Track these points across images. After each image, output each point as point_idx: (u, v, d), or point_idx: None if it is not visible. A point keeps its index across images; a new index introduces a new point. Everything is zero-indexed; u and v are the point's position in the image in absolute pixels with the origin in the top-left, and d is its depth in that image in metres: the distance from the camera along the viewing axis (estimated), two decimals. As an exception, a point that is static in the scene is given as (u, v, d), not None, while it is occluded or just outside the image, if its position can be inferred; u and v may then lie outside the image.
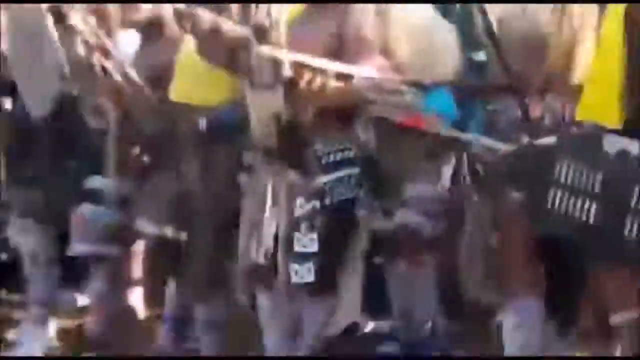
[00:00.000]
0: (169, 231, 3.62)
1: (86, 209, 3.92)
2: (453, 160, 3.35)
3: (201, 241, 3.54)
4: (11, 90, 4.26)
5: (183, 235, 3.60)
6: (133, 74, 3.68)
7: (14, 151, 4.25)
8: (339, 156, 3.10)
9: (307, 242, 3.10)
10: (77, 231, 3.96)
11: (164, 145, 3.70)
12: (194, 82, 3.55)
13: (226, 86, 3.44)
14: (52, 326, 4.24)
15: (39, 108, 4.02)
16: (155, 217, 3.68)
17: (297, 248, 3.11)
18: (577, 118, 2.72)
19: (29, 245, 4.21)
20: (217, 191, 3.50)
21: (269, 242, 3.14)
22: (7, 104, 4.45)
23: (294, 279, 3.11)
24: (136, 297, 4.00)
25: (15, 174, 4.23)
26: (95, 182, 3.95)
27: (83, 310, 4.43)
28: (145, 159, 3.80)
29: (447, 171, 3.38)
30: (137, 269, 3.94)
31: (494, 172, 3.00)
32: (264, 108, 3.08)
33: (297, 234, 3.10)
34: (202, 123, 3.53)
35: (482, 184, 3.08)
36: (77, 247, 3.99)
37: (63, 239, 4.11)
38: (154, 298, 3.89)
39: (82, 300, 4.58)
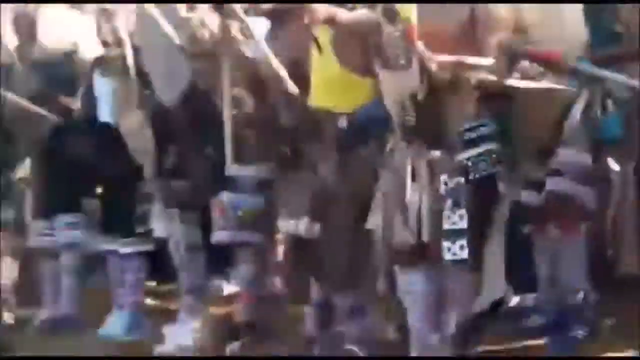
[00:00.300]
0: (305, 225, 3.74)
1: (226, 196, 4.06)
2: (585, 96, 3.33)
3: (339, 235, 3.62)
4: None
5: (319, 229, 3.70)
6: (275, 63, 3.77)
7: (156, 143, 4.43)
8: (478, 132, 3.11)
9: (457, 219, 3.12)
10: (218, 219, 4.11)
11: (302, 140, 3.82)
12: (330, 90, 3.67)
13: (361, 92, 3.55)
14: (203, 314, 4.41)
15: (169, 96, 4.22)
16: (294, 211, 3.82)
17: (447, 225, 3.13)
18: None
19: (176, 235, 4.39)
20: (356, 186, 3.58)
21: (414, 221, 3.17)
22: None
23: (447, 256, 3.13)
24: (282, 283, 4.15)
25: (158, 166, 4.42)
26: (234, 169, 4.06)
27: (231, 297, 4.59)
28: (285, 149, 3.91)
29: (578, 109, 3.33)
30: (281, 256, 4.08)
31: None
32: (399, 88, 3.14)
33: (445, 212, 3.12)
34: (342, 121, 3.62)
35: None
36: (220, 235, 4.12)
37: (207, 227, 4.26)
38: (298, 285, 4.02)
39: (229, 288, 4.76)
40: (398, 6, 3.04)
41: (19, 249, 5.19)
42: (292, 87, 3.77)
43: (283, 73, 3.77)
